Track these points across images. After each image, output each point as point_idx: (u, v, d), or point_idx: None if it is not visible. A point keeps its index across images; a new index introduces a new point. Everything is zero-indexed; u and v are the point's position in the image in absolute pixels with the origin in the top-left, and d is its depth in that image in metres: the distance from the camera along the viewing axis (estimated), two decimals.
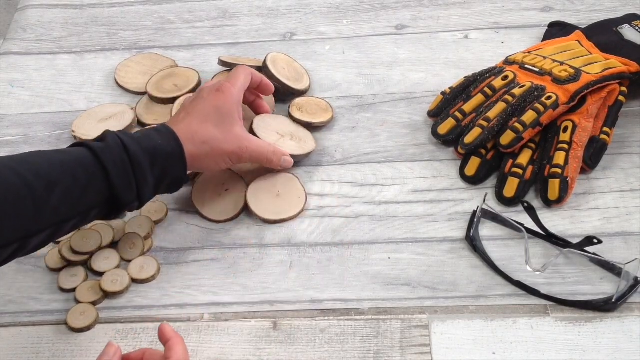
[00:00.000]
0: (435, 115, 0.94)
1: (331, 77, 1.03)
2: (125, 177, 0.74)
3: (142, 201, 0.77)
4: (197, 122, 0.81)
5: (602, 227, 0.83)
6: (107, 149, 0.74)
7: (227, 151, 0.82)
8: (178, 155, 0.78)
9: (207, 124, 0.81)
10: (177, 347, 0.66)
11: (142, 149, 0.75)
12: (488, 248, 0.81)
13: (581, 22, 1.05)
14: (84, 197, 0.72)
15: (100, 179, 0.73)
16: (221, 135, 0.81)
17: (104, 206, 0.74)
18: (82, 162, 0.73)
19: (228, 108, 0.82)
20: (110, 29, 1.14)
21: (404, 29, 1.09)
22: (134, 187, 0.75)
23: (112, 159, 0.73)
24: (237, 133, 0.83)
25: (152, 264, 0.82)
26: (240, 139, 0.83)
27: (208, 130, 0.81)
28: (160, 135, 0.78)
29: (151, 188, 0.77)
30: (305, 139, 0.92)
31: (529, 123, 0.86)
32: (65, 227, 0.73)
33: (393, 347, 0.74)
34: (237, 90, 0.84)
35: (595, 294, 0.76)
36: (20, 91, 1.05)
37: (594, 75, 0.89)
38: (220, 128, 0.81)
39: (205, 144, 0.80)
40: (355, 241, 0.83)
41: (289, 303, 0.78)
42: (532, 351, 0.72)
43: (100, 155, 0.73)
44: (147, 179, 0.75)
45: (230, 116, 0.82)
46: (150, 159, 0.75)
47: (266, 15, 1.14)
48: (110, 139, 0.75)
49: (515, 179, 0.85)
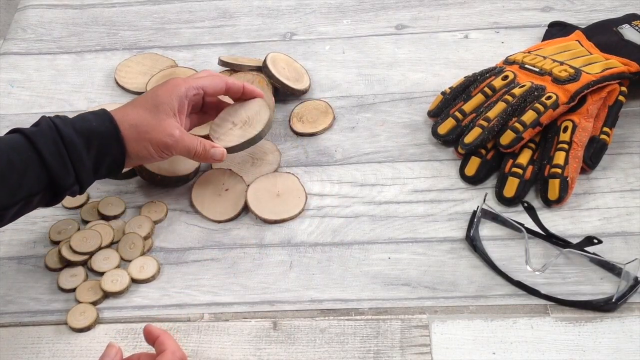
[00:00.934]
0: (435, 115, 0.94)
1: (331, 77, 1.03)
2: (59, 158, 0.74)
3: (83, 185, 0.77)
4: (131, 106, 0.81)
5: (602, 227, 0.83)
6: (40, 132, 0.74)
7: (154, 139, 0.79)
8: (114, 136, 0.77)
9: (140, 108, 0.80)
10: (168, 341, 0.68)
11: (75, 131, 0.75)
12: (488, 248, 0.81)
13: (581, 22, 1.05)
14: (22, 182, 0.72)
15: (36, 163, 0.73)
16: (152, 121, 0.80)
17: (44, 192, 0.74)
18: (15, 147, 0.73)
19: (166, 98, 0.81)
20: (110, 29, 1.14)
21: (404, 29, 1.09)
22: (71, 169, 0.75)
23: (44, 142, 0.73)
24: (169, 124, 0.80)
25: (152, 264, 0.82)
26: (170, 129, 0.80)
27: (139, 114, 0.80)
28: (96, 117, 0.78)
29: (90, 170, 0.76)
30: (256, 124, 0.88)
31: (529, 123, 0.86)
32: (7, 215, 0.73)
33: (393, 347, 0.74)
34: (187, 87, 0.82)
35: (595, 294, 0.76)
36: (20, 91, 1.05)
37: (594, 75, 0.89)
38: (152, 114, 0.80)
39: (133, 127, 0.79)
40: (355, 241, 0.83)
41: (289, 303, 0.78)
42: (532, 351, 0.72)
43: (33, 139, 0.73)
44: (83, 160, 0.75)
45: (167, 105, 0.81)
46: (85, 140, 0.75)
47: (266, 15, 1.14)
48: (43, 123, 0.75)
49: (515, 179, 0.85)
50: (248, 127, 0.87)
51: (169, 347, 0.67)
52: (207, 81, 0.84)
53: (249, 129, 0.87)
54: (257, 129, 0.86)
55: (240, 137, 0.86)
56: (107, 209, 0.87)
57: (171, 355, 0.67)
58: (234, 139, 0.87)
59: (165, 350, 0.67)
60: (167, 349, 0.67)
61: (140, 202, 0.89)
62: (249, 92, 0.88)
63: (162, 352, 0.67)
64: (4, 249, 0.85)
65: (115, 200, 0.88)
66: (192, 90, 0.83)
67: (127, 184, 0.91)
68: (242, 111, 0.89)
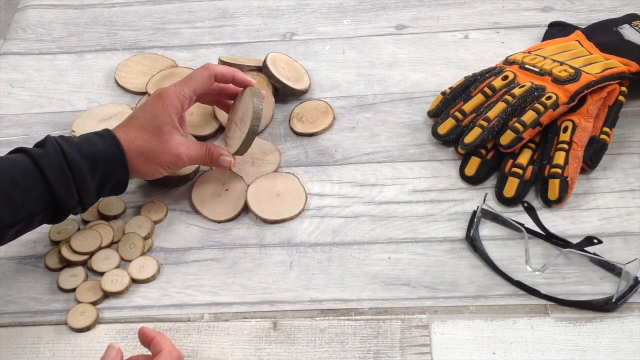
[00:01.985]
0: (435, 115, 0.94)
1: (331, 77, 1.03)
2: (64, 182, 0.75)
3: (85, 206, 0.78)
4: (135, 130, 0.81)
5: (602, 227, 0.82)
6: (45, 155, 0.75)
7: (163, 161, 0.82)
8: (119, 160, 0.79)
9: (144, 133, 0.81)
10: (164, 341, 0.69)
11: (81, 155, 0.76)
12: (488, 248, 0.81)
13: (581, 22, 1.04)
14: (25, 203, 0.73)
15: (40, 185, 0.74)
16: (158, 146, 0.81)
17: (47, 212, 0.76)
18: (20, 167, 0.74)
19: (166, 118, 0.81)
20: (110, 29, 1.14)
21: (404, 29, 1.09)
22: (75, 192, 0.76)
23: (50, 164, 0.74)
24: (174, 142, 0.82)
25: (152, 264, 0.82)
26: (177, 147, 0.82)
27: (144, 140, 0.81)
28: (102, 140, 0.79)
29: (93, 193, 0.78)
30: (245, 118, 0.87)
31: (529, 123, 0.86)
32: (9, 234, 0.74)
33: (393, 347, 0.74)
34: (181, 99, 0.83)
35: (595, 294, 0.76)
36: (20, 91, 1.05)
37: (594, 75, 0.89)
38: (156, 137, 0.81)
39: (142, 155, 0.81)
40: (355, 241, 0.83)
41: (289, 303, 0.78)
42: (532, 351, 0.72)
43: (38, 160, 0.74)
44: (87, 184, 0.76)
45: (168, 125, 0.82)
46: (91, 164, 0.76)
47: (266, 15, 1.14)
48: (49, 145, 0.76)
49: (515, 179, 0.85)
50: (242, 125, 0.87)
51: (165, 347, 0.68)
52: (196, 84, 0.84)
53: (243, 127, 0.87)
54: (247, 125, 0.85)
55: (239, 138, 0.86)
56: (107, 209, 0.87)
57: (168, 355, 0.67)
58: (236, 142, 0.87)
59: (161, 350, 0.68)
60: (163, 349, 0.68)
61: (140, 202, 0.89)
62: (239, 79, 0.87)
63: (159, 352, 0.67)
64: (4, 249, 0.85)
65: (115, 200, 0.88)
66: (185, 100, 0.83)
67: None
68: (240, 107, 0.88)
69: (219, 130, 0.96)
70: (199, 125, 0.96)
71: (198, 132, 0.94)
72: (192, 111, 0.97)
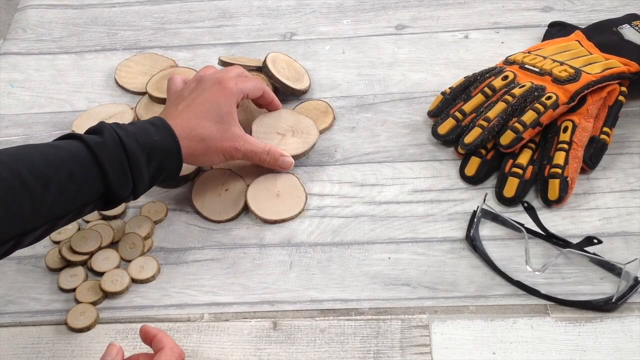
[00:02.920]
0: (435, 115, 0.94)
1: (331, 77, 1.03)
2: (121, 174, 0.73)
3: (137, 196, 0.77)
4: (196, 117, 0.81)
5: (602, 227, 0.82)
6: (104, 145, 0.73)
7: (222, 149, 0.82)
8: (175, 152, 0.78)
9: (206, 120, 0.81)
10: (165, 339, 0.68)
11: (139, 146, 0.74)
12: (488, 248, 0.81)
13: (581, 22, 1.04)
14: (79, 193, 0.72)
15: (96, 176, 0.72)
16: (219, 134, 0.81)
17: (98, 201, 0.74)
18: (77, 158, 0.72)
19: (228, 105, 0.82)
20: (110, 29, 1.14)
21: (404, 29, 1.09)
22: (130, 183, 0.74)
23: (109, 156, 0.72)
24: (234, 132, 0.83)
25: (152, 264, 0.82)
26: (236, 138, 0.83)
27: (206, 128, 0.80)
28: (158, 131, 0.77)
29: (147, 183, 0.77)
30: (307, 129, 0.92)
31: (529, 123, 0.86)
32: (60, 223, 0.72)
33: (393, 347, 0.73)
34: (239, 89, 0.84)
35: (595, 294, 0.76)
36: (20, 91, 1.05)
37: (594, 75, 0.89)
38: (219, 126, 0.81)
39: (202, 142, 0.80)
40: (355, 241, 0.83)
41: (289, 303, 0.78)
42: (532, 351, 0.72)
43: (97, 151, 0.72)
44: (143, 175, 0.75)
45: (229, 114, 0.82)
46: (147, 155, 0.75)
47: (266, 15, 1.14)
48: (107, 133, 0.74)
49: (515, 179, 0.85)
50: (302, 134, 0.91)
51: (167, 344, 0.68)
52: (251, 86, 0.86)
53: (305, 136, 0.91)
54: (314, 135, 0.91)
55: (302, 145, 0.90)
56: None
57: (170, 352, 0.67)
58: (296, 148, 0.89)
59: (163, 347, 0.68)
60: (165, 346, 0.68)
61: (140, 202, 0.88)
62: (275, 104, 0.91)
63: (161, 349, 0.67)
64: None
65: None
66: (241, 94, 0.84)
67: None
68: (274, 122, 0.92)
69: None
70: None
71: None
72: None
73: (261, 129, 0.91)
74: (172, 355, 0.67)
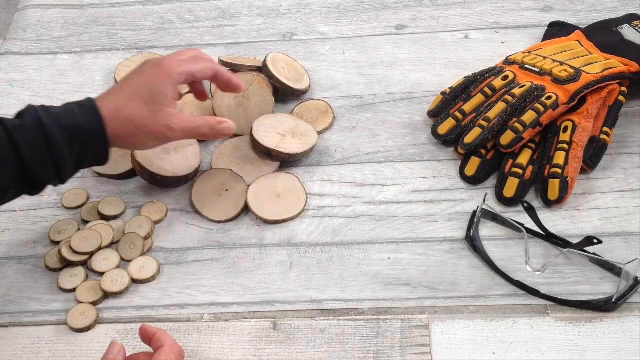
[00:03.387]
0: (435, 115, 0.94)
1: (331, 77, 1.03)
2: (39, 156, 0.71)
3: (63, 179, 0.75)
4: (125, 98, 0.77)
5: (602, 227, 0.82)
6: (22, 128, 0.71)
7: (153, 131, 0.78)
8: (99, 134, 0.75)
9: (136, 101, 0.77)
10: (165, 337, 0.69)
11: (60, 127, 0.72)
12: (488, 248, 0.81)
13: (581, 22, 1.04)
14: None
15: (13, 159, 0.71)
16: (149, 114, 0.77)
17: (21, 185, 0.73)
18: None
19: (163, 86, 0.78)
20: (110, 29, 1.14)
21: (404, 29, 1.09)
22: (51, 166, 0.73)
23: (26, 138, 0.71)
24: (166, 112, 0.78)
25: (152, 264, 0.82)
26: (168, 117, 0.78)
27: (135, 108, 0.77)
28: (82, 111, 0.75)
29: (71, 166, 0.75)
30: (307, 132, 0.92)
31: (529, 123, 0.86)
32: None
33: (393, 347, 0.73)
34: (180, 73, 0.79)
35: (595, 294, 0.76)
36: (20, 91, 1.05)
37: (594, 75, 0.89)
38: (150, 106, 0.77)
39: (131, 124, 0.76)
40: (355, 241, 0.83)
41: (289, 303, 0.78)
42: (532, 351, 0.72)
43: (14, 134, 0.70)
44: (65, 157, 0.73)
45: (162, 95, 0.78)
46: (69, 137, 0.73)
47: (266, 15, 1.14)
48: (28, 115, 0.72)
49: (515, 179, 0.85)
50: (301, 137, 0.91)
51: (166, 342, 0.68)
52: (198, 68, 0.82)
53: (305, 139, 0.91)
54: (314, 138, 0.91)
55: (302, 145, 0.90)
56: (107, 209, 0.87)
57: (169, 349, 0.67)
58: (296, 147, 0.90)
59: (162, 345, 0.68)
60: (164, 344, 0.68)
61: (140, 202, 0.89)
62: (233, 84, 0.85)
63: (160, 347, 0.68)
64: (4, 249, 0.85)
65: (115, 201, 0.88)
66: (183, 76, 0.80)
67: (127, 183, 0.91)
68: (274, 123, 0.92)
69: None
70: None
71: None
72: (192, 111, 0.97)
73: (262, 128, 0.91)
74: (171, 353, 0.67)
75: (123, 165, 0.91)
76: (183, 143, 0.92)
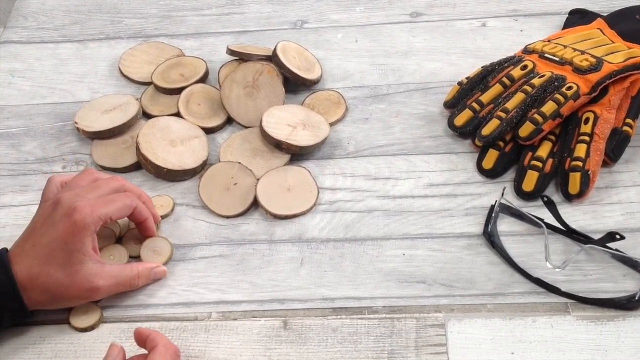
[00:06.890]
0: (452, 106, 0.93)
1: (344, 66, 1.02)
2: None
3: None
4: (39, 263, 0.72)
5: (624, 222, 0.82)
6: None
7: (74, 295, 0.74)
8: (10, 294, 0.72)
9: (50, 265, 0.72)
10: (158, 337, 0.69)
11: None
12: (506, 244, 0.80)
13: (603, 10, 1.04)
14: None
15: None
16: (66, 280, 0.72)
17: None
18: None
19: (78, 243, 0.73)
20: (114, 16, 1.14)
21: (419, 17, 1.09)
22: None
23: None
24: (87, 272, 0.73)
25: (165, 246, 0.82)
26: (89, 277, 0.73)
27: (50, 275, 0.72)
28: None
29: None
30: (318, 124, 0.91)
31: (548, 114, 0.85)
32: None
33: (408, 346, 0.73)
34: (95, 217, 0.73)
35: (617, 291, 0.76)
36: (21, 81, 1.05)
37: (616, 64, 0.88)
38: (66, 269, 0.72)
39: (47, 292, 0.72)
40: (368, 237, 0.83)
41: (299, 301, 0.78)
42: (552, 351, 0.72)
43: None
44: None
45: (79, 252, 0.73)
46: None
47: (276, 3, 1.14)
48: None
49: (534, 172, 0.84)
50: (313, 128, 0.90)
51: (160, 342, 0.68)
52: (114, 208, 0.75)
53: (316, 130, 0.90)
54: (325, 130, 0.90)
55: (313, 137, 0.89)
56: None
57: (163, 349, 0.67)
58: (307, 139, 0.89)
59: (156, 345, 0.68)
60: (158, 344, 0.68)
61: None
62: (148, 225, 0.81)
63: (154, 347, 0.68)
64: (5, 245, 0.83)
65: None
66: (100, 222, 0.74)
67: (132, 177, 0.91)
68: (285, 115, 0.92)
69: (227, 121, 0.95)
70: (206, 117, 0.95)
71: (206, 124, 0.94)
72: (199, 102, 0.96)
73: (272, 119, 0.90)
74: (165, 352, 0.67)
75: (128, 158, 0.91)
76: (189, 135, 0.91)
